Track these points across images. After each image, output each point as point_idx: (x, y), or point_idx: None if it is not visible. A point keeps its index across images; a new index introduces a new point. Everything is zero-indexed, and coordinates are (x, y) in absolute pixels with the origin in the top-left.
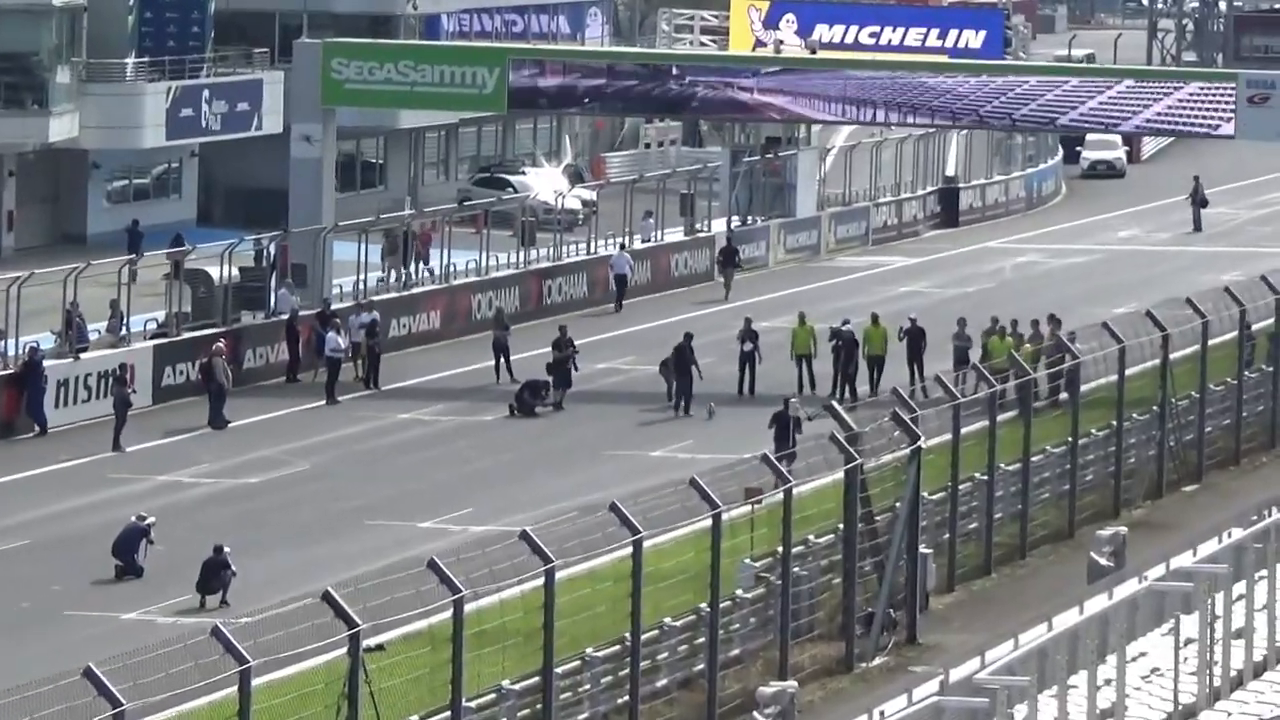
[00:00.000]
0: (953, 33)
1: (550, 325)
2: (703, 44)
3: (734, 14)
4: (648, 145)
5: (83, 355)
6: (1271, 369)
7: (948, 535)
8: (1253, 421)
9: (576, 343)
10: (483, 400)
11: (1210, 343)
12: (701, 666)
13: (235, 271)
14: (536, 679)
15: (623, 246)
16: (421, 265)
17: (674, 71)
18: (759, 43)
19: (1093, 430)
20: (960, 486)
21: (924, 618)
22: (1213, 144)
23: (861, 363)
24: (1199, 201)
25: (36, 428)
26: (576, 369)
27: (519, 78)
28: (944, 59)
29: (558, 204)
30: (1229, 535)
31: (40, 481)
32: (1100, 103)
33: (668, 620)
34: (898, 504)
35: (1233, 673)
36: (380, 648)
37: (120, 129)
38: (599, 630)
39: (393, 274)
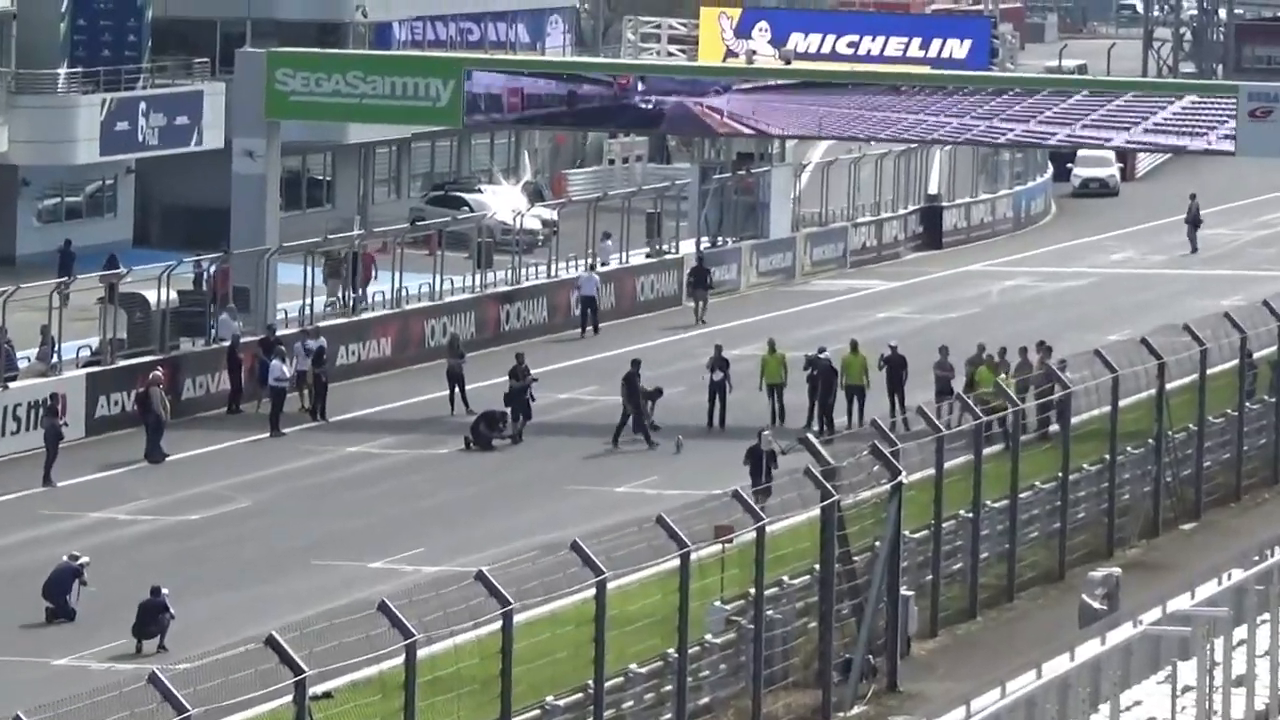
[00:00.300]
0: (936, 42)
1: (507, 353)
2: (670, 54)
3: (703, 22)
4: (612, 161)
5: (11, 384)
6: (1274, 399)
7: (930, 576)
8: (1254, 456)
9: (535, 371)
10: (436, 432)
11: (1209, 372)
12: (669, 716)
13: (174, 295)
14: None
15: (591, 267)
16: (364, 289)
17: (640, 86)
18: (730, 53)
19: (1085, 465)
20: (944, 525)
21: (905, 664)
22: (1211, 160)
23: (840, 393)
24: (1194, 221)
25: None
26: (534, 399)
27: (475, 89)
28: (926, 70)
29: (516, 224)
30: (1229, 577)
31: None
32: (1095, 118)
33: (633, 667)
34: (877, 543)
35: None
36: (328, 695)
37: (51, 144)
38: (560, 677)
39: (338, 298)
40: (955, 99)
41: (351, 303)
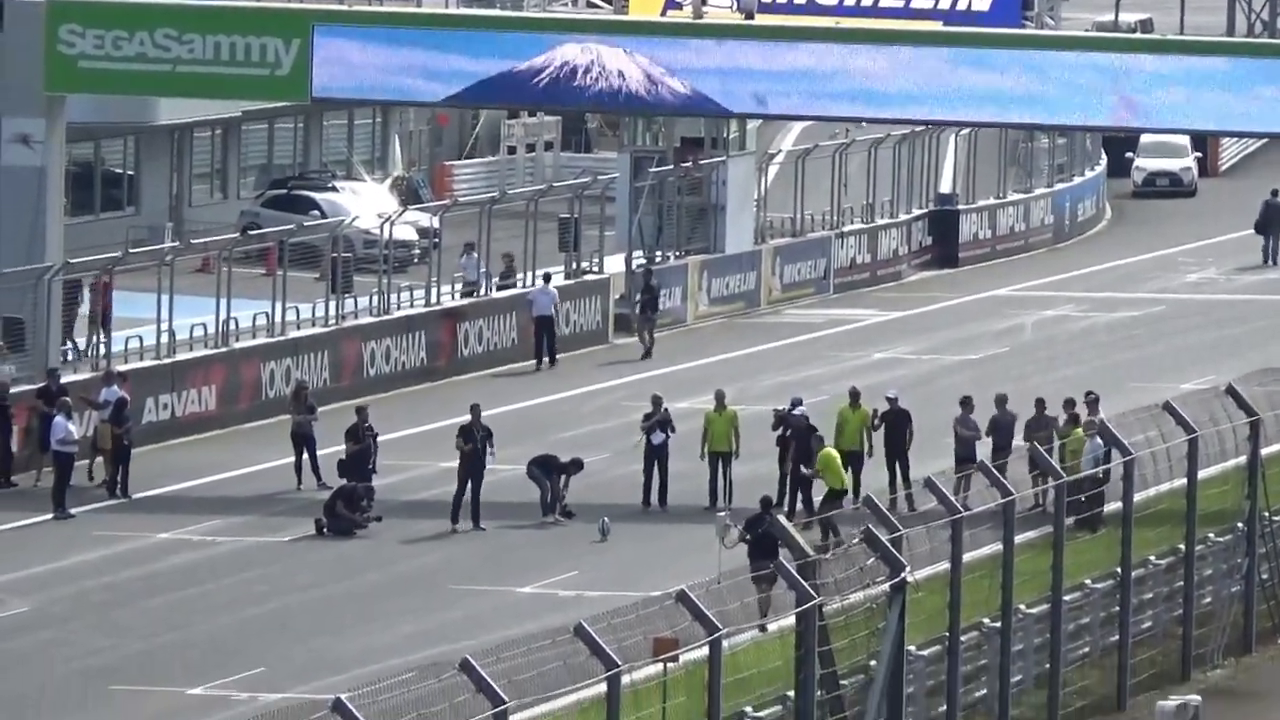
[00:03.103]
0: None
1: (376, 407)
2: (592, 5)
3: None
4: (512, 150)
5: None
6: None
7: (945, 708)
8: None
9: (390, 433)
10: (279, 513)
11: None
12: None
13: None
14: None
15: (547, 278)
16: (99, 332)
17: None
18: (672, 4)
19: (1151, 557)
20: (962, 637)
21: None
22: None
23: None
24: (1269, 221)
25: None
26: (375, 470)
27: (328, 53)
28: (936, 28)
29: (383, 233)
30: None
31: None
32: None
33: None
34: (873, 663)
35: None
36: None
37: None
38: None
39: (70, 345)
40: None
41: (94, 349)
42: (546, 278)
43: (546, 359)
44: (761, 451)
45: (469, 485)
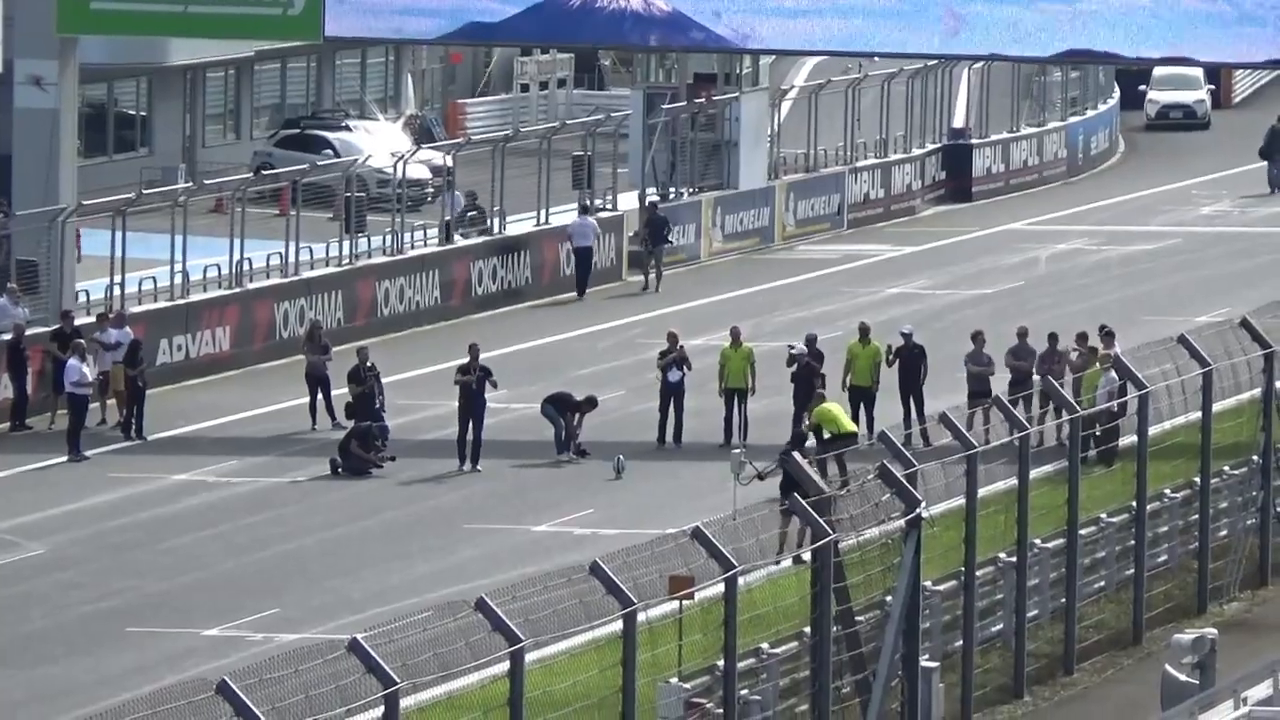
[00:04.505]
0: None
1: (391, 346)
2: None
3: None
4: (524, 87)
5: None
6: None
7: (961, 643)
8: None
9: (397, 374)
10: (294, 453)
11: None
12: None
13: None
14: None
15: (585, 209)
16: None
17: None
18: None
19: (1167, 491)
20: (978, 572)
21: None
22: None
23: (842, 395)
24: (1273, 149)
25: None
26: (384, 409)
27: None
28: None
29: (397, 172)
30: None
31: None
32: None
33: None
34: (889, 599)
35: None
36: None
37: None
38: None
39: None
40: None
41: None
42: (585, 209)
43: (578, 291)
44: (777, 387)
45: (469, 425)
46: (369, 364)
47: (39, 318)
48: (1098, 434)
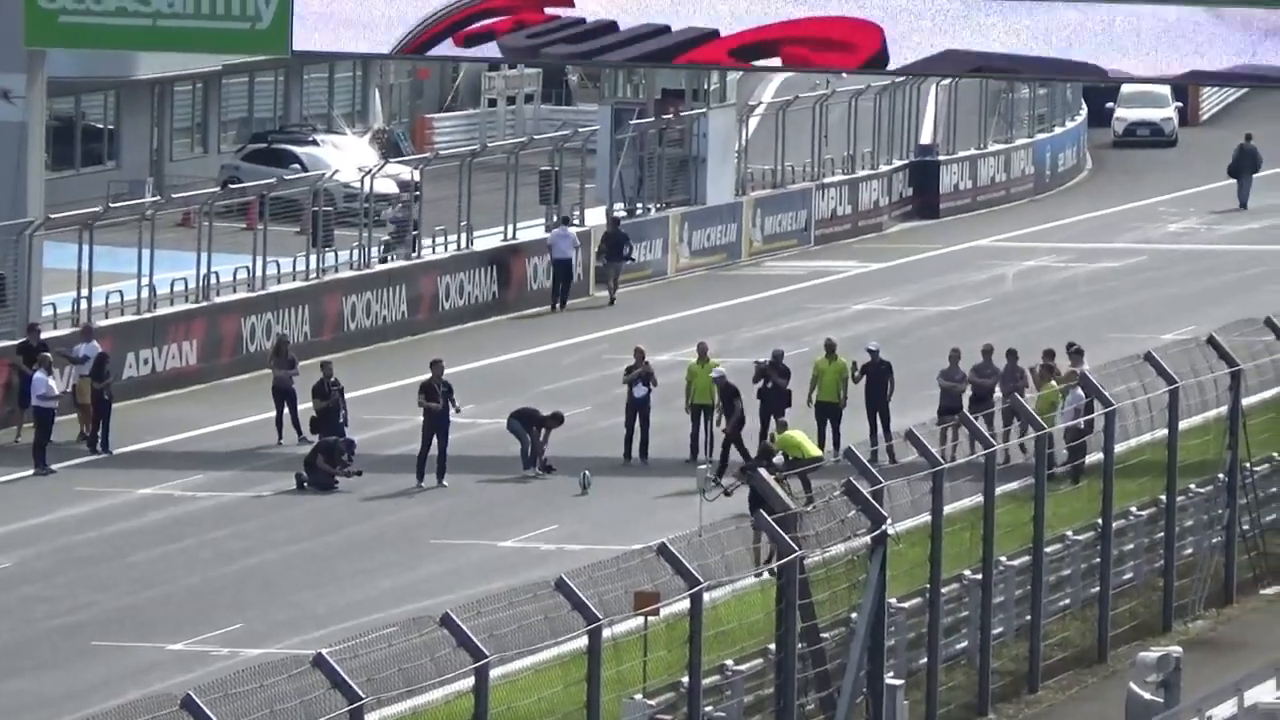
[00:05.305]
0: None
1: (353, 360)
2: None
3: None
4: (492, 102)
5: None
6: None
7: (926, 660)
8: None
9: (359, 389)
10: (259, 468)
11: None
12: None
13: None
14: None
15: (566, 221)
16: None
17: None
18: None
19: (1133, 509)
20: (944, 589)
21: None
22: None
23: (808, 411)
24: (1246, 168)
25: None
26: (347, 424)
27: (310, 7)
28: None
29: (364, 187)
30: None
31: None
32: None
33: None
34: (853, 615)
35: None
36: None
37: None
38: None
39: None
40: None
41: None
42: (566, 220)
43: (558, 303)
44: (743, 404)
45: (434, 441)
46: (333, 379)
47: (5, 331)
48: (1064, 451)
